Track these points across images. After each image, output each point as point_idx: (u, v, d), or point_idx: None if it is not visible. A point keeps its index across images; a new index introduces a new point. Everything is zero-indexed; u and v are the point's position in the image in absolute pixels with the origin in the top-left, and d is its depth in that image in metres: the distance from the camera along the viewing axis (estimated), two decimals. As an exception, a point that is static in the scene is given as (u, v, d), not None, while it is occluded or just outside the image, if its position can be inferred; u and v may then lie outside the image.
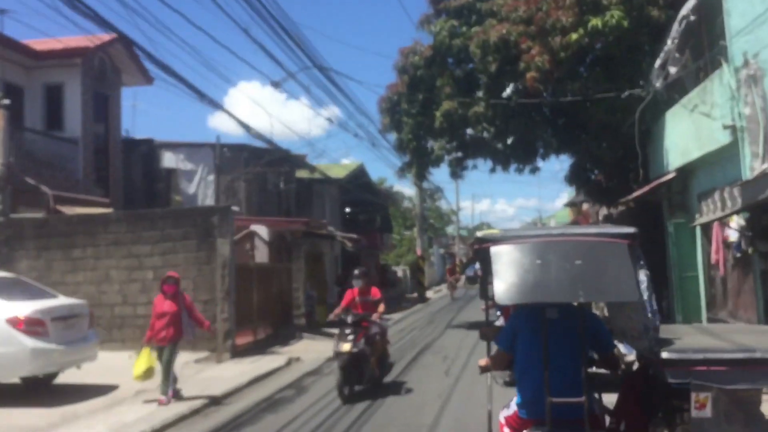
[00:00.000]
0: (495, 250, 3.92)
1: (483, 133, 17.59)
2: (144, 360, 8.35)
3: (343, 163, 30.60)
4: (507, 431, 4.15)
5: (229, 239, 13.17)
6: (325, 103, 47.89)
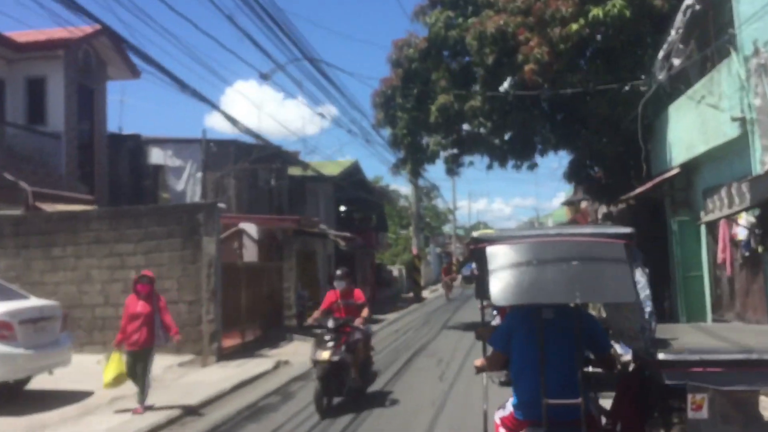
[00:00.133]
0: (491, 250, 3.90)
1: (479, 129, 17.10)
2: (114, 365, 7.79)
3: (338, 161, 30.05)
4: None
5: (216, 237, 12.72)
6: (317, 98, 47.23)
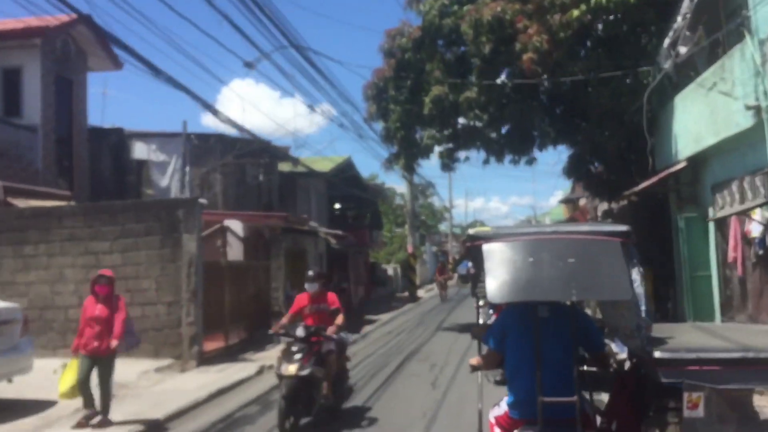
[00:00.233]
0: (487, 248, 3.87)
1: (475, 121, 16.45)
2: (71, 374, 7.07)
3: (331, 157, 29.36)
4: (498, 431, 4.09)
5: (197, 235, 12.05)
6: (306, 90, 46.04)
